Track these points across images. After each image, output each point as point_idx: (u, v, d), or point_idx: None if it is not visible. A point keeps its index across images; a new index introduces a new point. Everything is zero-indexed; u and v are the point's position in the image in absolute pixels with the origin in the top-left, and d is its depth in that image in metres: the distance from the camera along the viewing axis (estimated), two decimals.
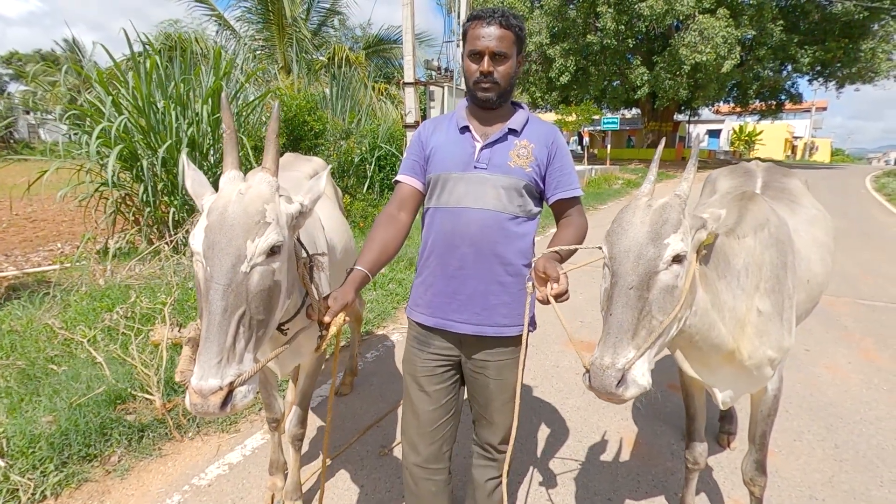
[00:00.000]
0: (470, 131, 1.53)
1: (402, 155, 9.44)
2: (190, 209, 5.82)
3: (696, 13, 17.34)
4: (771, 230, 1.48)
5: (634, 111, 29.61)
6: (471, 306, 1.52)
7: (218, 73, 6.07)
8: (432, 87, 9.35)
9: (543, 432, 2.64)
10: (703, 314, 1.33)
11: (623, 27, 19.14)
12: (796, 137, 47.06)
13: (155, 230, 6.00)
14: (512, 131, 1.52)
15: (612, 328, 1.09)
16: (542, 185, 1.55)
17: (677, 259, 1.13)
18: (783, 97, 25.50)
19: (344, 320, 1.38)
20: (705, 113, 33.26)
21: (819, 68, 22.50)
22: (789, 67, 22.65)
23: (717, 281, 1.40)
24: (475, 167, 1.49)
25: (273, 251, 1.12)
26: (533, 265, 1.43)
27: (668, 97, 20.48)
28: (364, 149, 8.71)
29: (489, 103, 1.50)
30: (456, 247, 1.50)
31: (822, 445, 2.52)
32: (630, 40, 19.96)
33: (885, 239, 8.13)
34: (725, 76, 19.15)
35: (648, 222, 1.15)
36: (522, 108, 1.61)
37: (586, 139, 33.12)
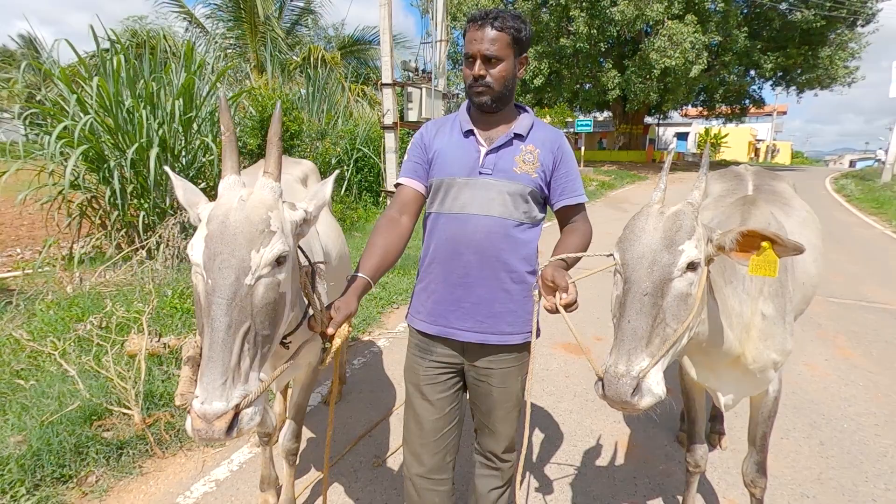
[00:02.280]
0: (474, 135, 1.50)
1: (379, 158, 9.36)
2: (161, 213, 5.61)
3: (666, 19, 17.76)
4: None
5: (606, 114, 30.13)
6: (475, 314, 1.49)
7: (189, 71, 5.87)
8: (410, 89, 9.27)
9: (538, 437, 2.62)
10: (713, 320, 1.33)
11: (595, 31, 19.45)
12: (759, 140, 48.78)
13: (124, 234, 5.76)
14: (517, 136, 1.48)
15: (625, 335, 1.07)
16: (546, 191, 1.53)
17: (691, 266, 1.11)
18: (747, 101, 26.38)
19: (348, 331, 1.32)
20: (674, 116, 34.12)
21: (781, 74, 23.36)
22: (753, 73, 23.43)
23: (725, 286, 1.40)
24: (480, 172, 1.46)
25: (279, 261, 1.06)
26: (539, 273, 1.40)
27: (639, 100, 20.90)
28: (341, 150, 8.59)
29: (485, 107, 1.47)
30: (460, 254, 1.46)
31: (808, 443, 2.58)
32: (602, 44, 20.28)
33: (849, 239, 8.46)
34: (693, 80, 19.66)
35: (662, 229, 1.13)
36: (527, 111, 1.58)
37: None
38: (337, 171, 1.32)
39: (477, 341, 1.50)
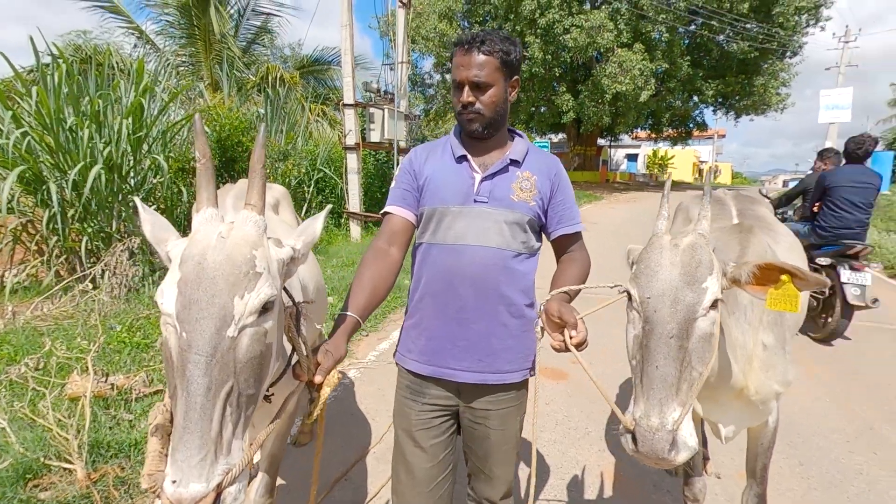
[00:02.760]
0: (468, 161, 1.42)
1: (341, 179, 9.18)
2: (107, 237, 5.22)
3: (615, 47, 18.63)
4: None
5: (561, 135, 31.11)
6: (472, 352, 1.38)
7: (139, 89, 5.56)
8: (372, 110, 9.20)
9: (524, 471, 2.51)
10: (721, 354, 1.28)
11: (550, 57, 20.15)
12: (702, 161, 51.59)
13: (64, 261, 5.31)
14: (513, 162, 1.41)
15: (654, 383, 0.99)
16: (543, 219, 1.46)
17: (713, 304, 1.06)
18: (691, 125, 27.89)
19: (338, 378, 1.18)
20: (624, 138, 35.62)
21: (721, 100, 24.84)
22: (696, 98, 24.83)
23: (728, 317, 1.36)
24: (475, 200, 1.37)
25: (265, 308, 0.92)
26: (542, 307, 1.32)
27: (592, 123, 21.69)
28: (302, 171, 8.36)
29: (476, 134, 1.39)
30: (455, 287, 1.37)
31: (788, 463, 2.59)
32: (556, 69, 21.01)
33: None
34: (643, 105, 20.61)
35: (680, 264, 1.07)
36: (520, 136, 1.51)
37: None
38: (329, 206, 1.18)
39: (475, 381, 1.40)
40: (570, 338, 1.16)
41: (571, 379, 3.47)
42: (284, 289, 1.23)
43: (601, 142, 31.31)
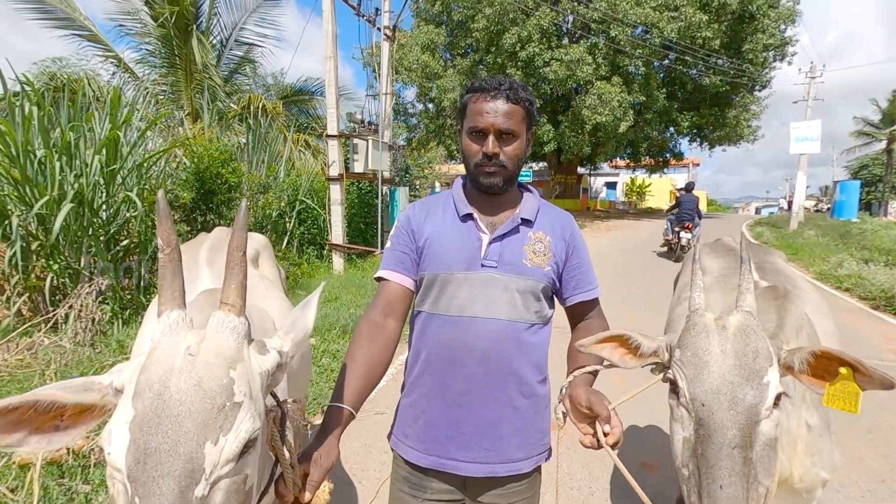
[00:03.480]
0: (474, 220, 1.26)
1: (323, 210, 9.00)
2: (74, 274, 4.92)
3: (594, 79, 19.12)
4: (807, 331, 1.34)
5: (542, 164, 31.57)
6: (479, 440, 1.21)
7: (115, 121, 5.35)
8: (356, 140, 9.12)
9: None
10: None
11: (531, 88, 20.57)
12: (679, 190, 52.85)
13: (27, 300, 4.98)
14: (525, 221, 1.26)
15: None
16: (558, 284, 1.31)
17: (776, 400, 0.91)
18: (668, 154, 28.61)
19: (329, 489, 0.99)
20: (603, 167, 36.31)
21: (696, 131, 25.61)
22: (672, 129, 25.55)
23: None
24: (483, 265, 1.21)
25: (246, 446, 0.72)
26: (564, 391, 1.16)
27: (572, 152, 22.06)
28: (284, 203, 8.17)
29: (495, 189, 1.24)
30: (461, 365, 1.20)
31: None
32: (537, 100, 21.42)
33: None
34: (622, 135, 21.08)
35: (733, 353, 0.92)
36: (530, 191, 1.37)
37: None
38: (322, 285, 0.99)
39: (483, 475, 1.22)
40: (605, 434, 1.00)
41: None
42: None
43: (581, 170, 31.83)
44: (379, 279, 1.30)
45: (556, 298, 1.35)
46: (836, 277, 9.04)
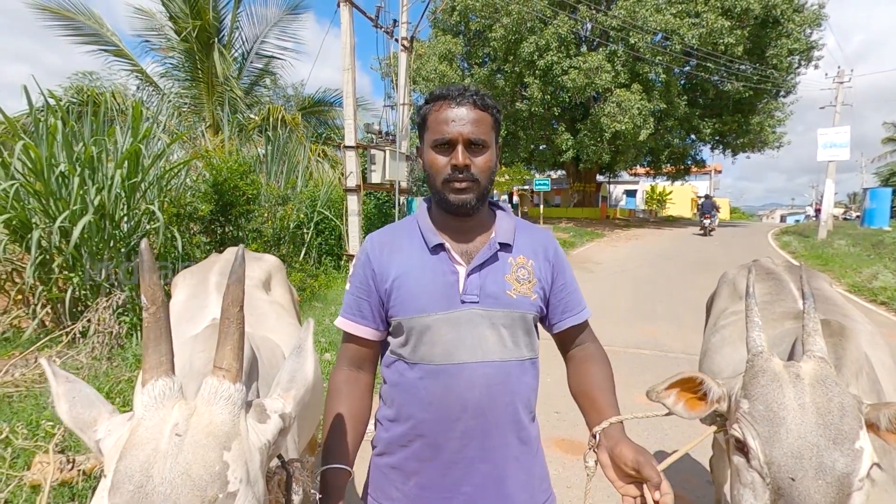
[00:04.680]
0: (446, 251, 1.11)
1: (341, 221, 9.01)
2: (94, 287, 4.96)
3: (614, 87, 18.91)
4: (867, 371, 1.21)
5: (560, 172, 31.33)
6: (481, 500, 1.09)
7: (136, 135, 5.42)
8: (373, 151, 9.12)
9: None
10: None
11: (549, 97, 20.44)
12: (700, 197, 51.95)
13: (49, 311, 5.04)
14: (503, 246, 1.13)
15: None
16: (545, 311, 1.18)
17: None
18: (689, 162, 28.12)
19: None
20: (623, 175, 35.88)
21: (718, 138, 25.13)
22: (693, 136, 25.10)
23: None
24: (462, 301, 1.07)
25: None
26: (597, 437, 1.04)
27: (591, 161, 21.82)
28: (302, 214, 8.19)
29: (467, 209, 1.09)
30: (454, 420, 1.06)
31: None
32: (555, 108, 21.27)
33: None
34: (642, 143, 20.78)
35: (814, 409, 0.79)
36: (502, 208, 1.23)
37: (516, 198, 34.53)
38: (311, 322, 0.88)
39: None
40: (655, 502, 0.87)
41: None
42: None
43: (600, 178, 31.51)
44: (342, 331, 1.16)
45: (539, 325, 1.22)
46: (870, 290, 8.67)
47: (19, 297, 5.05)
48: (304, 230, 8.49)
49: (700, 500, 2.67)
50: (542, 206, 22.04)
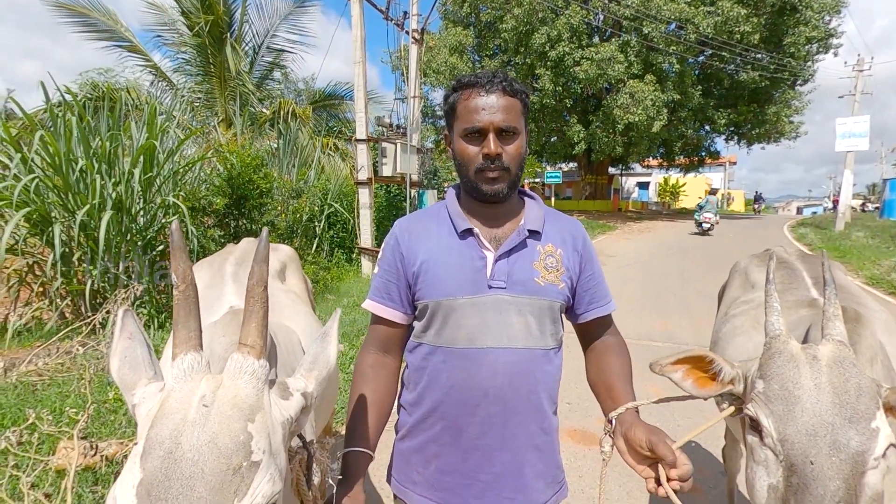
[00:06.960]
0: (475, 236, 1.11)
1: (352, 214, 9.06)
2: (113, 278, 5.06)
3: (626, 78, 18.68)
4: (882, 359, 1.20)
5: (572, 164, 31.10)
6: (499, 488, 1.10)
7: (152, 131, 5.49)
8: (384, 144, 9.14)
9: None
10: None
11: (560, 88, 20.25)
12: (714, 189, 51.28)
13: (69, 303, 5.16)
14: (532, 233, 1.12)
15: None
16: (571, 300, 1.18)
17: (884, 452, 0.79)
18: (703, 153, 27.73)
19: None
20: (635, 167, 35.50)
21: (733, 129, 24.73)
22: (708, 127, 24.73)
23: None
24: (490, 286, 1.07)
25: None
26: (612, 423, 1.05)
27: (604, 153, 21.63)
28: (315, 207, 8.25)
29: (499, 197, 1.10)
30: (475, 406, 1.07)
31: None
32: (567, 100, 21.08)
33: None
34: (655, 135, 20.53)
35: (830, 388, 0.80)
36: (532, 196, 1.23)
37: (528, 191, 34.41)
38: (339, 312, 0.91)
39: None
40: (668, 479, 0.87)
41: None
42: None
43: (612, 170, 31.22)
44: (372, 316, 1.18)
45: (564, 315, 1.22)
46: (888, 282, 8.52)
47: (41, 289, 5.17)
48: (316, 223, 8.55)
49: (713, 491, 2.67)
50: (553, 199, 21.91)
